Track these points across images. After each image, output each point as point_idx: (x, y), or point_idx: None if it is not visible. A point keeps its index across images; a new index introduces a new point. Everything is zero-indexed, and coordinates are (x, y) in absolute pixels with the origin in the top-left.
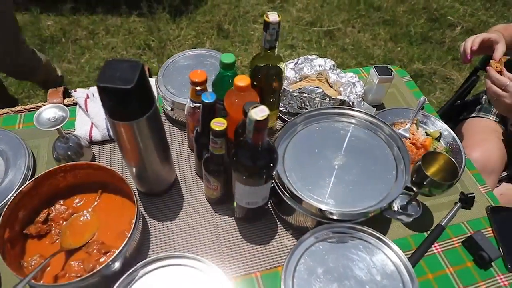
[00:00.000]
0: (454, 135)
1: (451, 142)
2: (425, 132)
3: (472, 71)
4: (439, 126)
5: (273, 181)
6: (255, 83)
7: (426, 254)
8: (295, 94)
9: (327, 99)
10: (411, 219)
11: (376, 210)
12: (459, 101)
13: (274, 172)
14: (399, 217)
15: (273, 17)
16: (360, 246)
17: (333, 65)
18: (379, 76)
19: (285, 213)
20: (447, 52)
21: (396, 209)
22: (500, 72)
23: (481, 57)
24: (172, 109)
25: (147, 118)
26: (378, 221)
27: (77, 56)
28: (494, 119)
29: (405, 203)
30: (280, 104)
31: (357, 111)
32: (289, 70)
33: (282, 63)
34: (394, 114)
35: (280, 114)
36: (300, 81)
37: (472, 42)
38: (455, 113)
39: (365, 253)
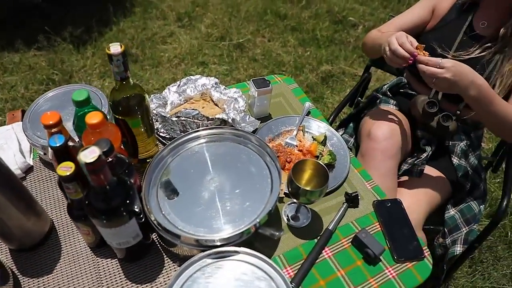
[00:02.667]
0: (339, 136)
1: (337, 144)
2: (312, 137)
3: (365, 69)
4: (325, 129)
5: (141, 216)
6: (118, 117)
7: (317, 260)
8: (173, 119)
9: (205, 119)
10: (281, 233)
11: (250, 228)
12: (359, 99)
13: (136, 208)
14: (273, 232)
15: (114, 48)
16: (241, 268)
17: (216, 83)
18: (256, 88)
19: (169, 245)
20: (352, 51)
21: (286, 220)
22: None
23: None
24: (45, 153)
25: None
26: (267, 236)
27: None
28: (395, 108)
29: (294, 212)
30: (162, 130)
31: (220, 128)
32: (172, 93)
33: (142, 90)
34: (280, 124)
35: (164, 140)
36: (184, 103)
37: (409, 48)
38: (355, 118)
39: (246, 275)
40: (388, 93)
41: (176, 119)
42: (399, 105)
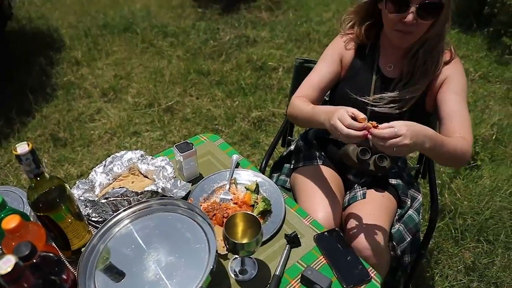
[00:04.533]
0: (270, 181)
1: (269, 188)
2: (245, 187)
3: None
4: (256, 177)
5: None
6: (40, 214)
7: None
8: (103, 201)
9: (134, 195)
10: None
11: None
12: (289, 138)
13: None
14: None
15: (21, 148)
16: None
17: (142, 155)
18: (180, 153)
19: None
20: (277, 93)
21: (234, 275)
22: (375, 127)
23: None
24: None
25: None
26: None
27: None
28: (319, 163)
29: (241, 266)
30: (94, 214)
31: (146, 201)
32: (99, 174)
33: (61, 181)
34: (211, 181)
35: (98, 225)
36: (113, 181)
37: (358, 126)
38: (287, 159)
39: None
40: (314, 142)
41: (105, 200)
42: (327, 153)
